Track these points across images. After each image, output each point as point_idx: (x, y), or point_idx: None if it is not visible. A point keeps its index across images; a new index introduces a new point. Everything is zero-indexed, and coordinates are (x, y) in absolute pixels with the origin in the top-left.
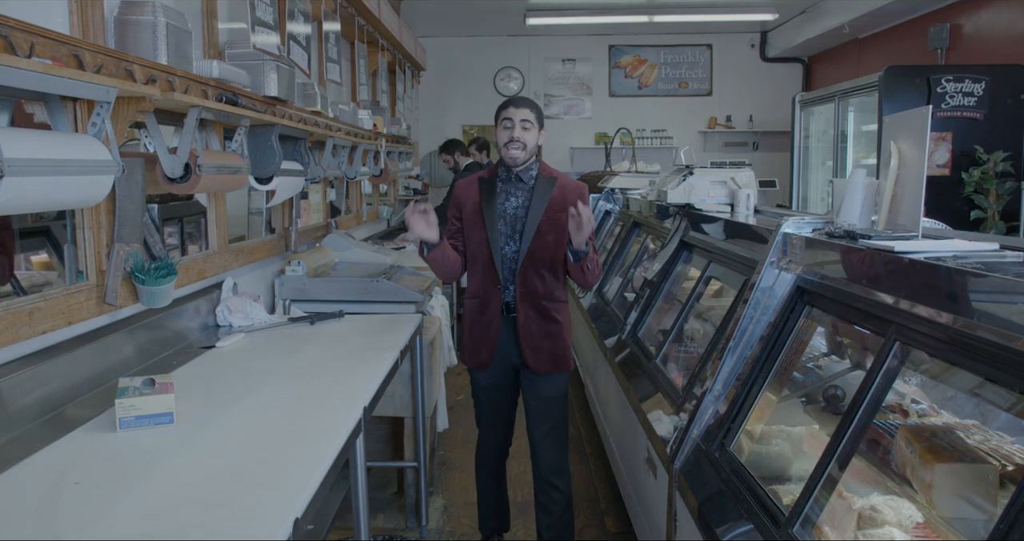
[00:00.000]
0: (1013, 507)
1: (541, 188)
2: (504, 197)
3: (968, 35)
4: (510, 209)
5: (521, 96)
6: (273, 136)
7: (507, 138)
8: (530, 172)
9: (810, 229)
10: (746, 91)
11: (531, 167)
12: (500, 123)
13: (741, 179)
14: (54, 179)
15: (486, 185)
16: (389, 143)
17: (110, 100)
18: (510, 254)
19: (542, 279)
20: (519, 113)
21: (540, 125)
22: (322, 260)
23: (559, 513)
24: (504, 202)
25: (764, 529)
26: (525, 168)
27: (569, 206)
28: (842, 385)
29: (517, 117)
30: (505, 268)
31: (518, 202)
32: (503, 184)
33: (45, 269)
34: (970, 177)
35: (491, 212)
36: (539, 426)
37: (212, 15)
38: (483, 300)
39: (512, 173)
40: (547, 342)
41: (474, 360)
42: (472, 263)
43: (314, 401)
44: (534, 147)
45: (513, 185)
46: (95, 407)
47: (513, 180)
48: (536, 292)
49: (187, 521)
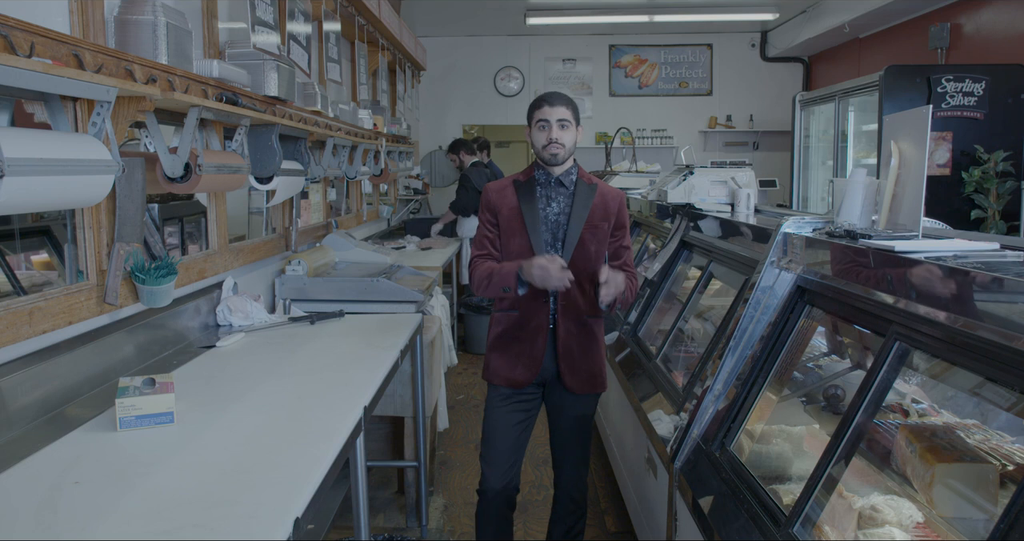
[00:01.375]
0: (1013, 507)
1: (582, 195)
2: (545, 202)
3: (968, 35)
4: (551, 215)
5: (555, 92)
6: (273, 136)
7: (545, 140)
8: (571, 176)
9: (810, 229)
10: (746, 91)
11: (571, 170)
12: (535, 124)
13: (741, 179)
14: (54, 179)
15: (524, 189)
16: (389, 143)
17: (110, 100)
18: None
19: (584, 292)
20: (555, 112)
21: (577, 122)
22: (322, 260)
23: (574, 522)
24: (545, 207)
25: (764, 528)
26: (566, 171)
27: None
28: (842, 385)
29: (553, 117)
30: None
31: (559, 208)
32: (543, 188)
33: (45, 269)
34: (970, 177)
35: (533, 217)
36: (567, 447)
37: (212, 15)
38: (525, 313)
39: (552, 177)
40: (586, 360)
41: (507, 377)
42: None
43: (314, 400)
44: (573, 146)
45: (553, 190)
46: (95, 407)
47: (553, 184)
48: (578, 306)
49: (187, 520)
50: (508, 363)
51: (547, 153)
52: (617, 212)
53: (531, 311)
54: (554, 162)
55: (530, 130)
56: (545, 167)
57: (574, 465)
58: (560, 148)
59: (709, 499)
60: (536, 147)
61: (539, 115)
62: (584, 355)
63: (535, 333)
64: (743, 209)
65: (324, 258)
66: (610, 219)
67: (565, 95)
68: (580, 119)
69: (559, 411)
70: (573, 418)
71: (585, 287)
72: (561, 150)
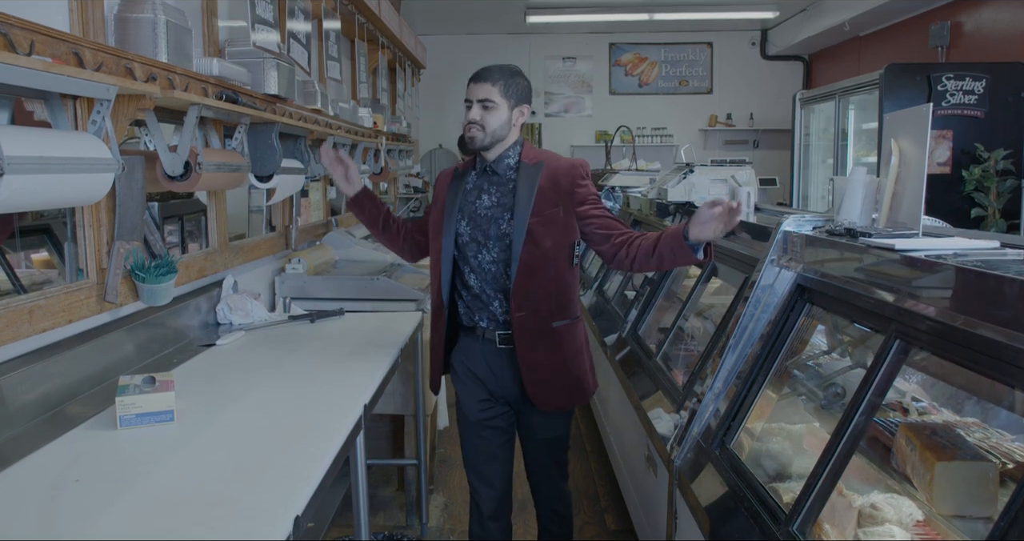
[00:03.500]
0: (1013, 505)
1: (525, 180)
2: (476, 194)
3: (969, 33)
4: (480, 209)
5: (489, 66)
6: (273, 134)
7: (466, 120)
8: (506, 160)
9: (810, 227)
10: (746, 89)
11: (508, 153)
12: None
13: (741, 177)
14: (54, 177)
15: (457, 179)
16: (389, 141)
17: (110, 98)
18: (487, 265)
19: (546, 295)
20: (477, 90)
21: (515, 99)
22: (322, 258)
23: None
24: (474, 199)
25: (764, 527)
26: (499, 157)
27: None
28: (842, 383)
29: (475, 95)
30: (485, 282)
31: (492, 200)
32: (479, 178)
33: (45, 267)
34: (970, 175)
35: (450, 214)
36: (542, 466)
37: (212, 13)
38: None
39: (485, 164)
40: (561, 374)
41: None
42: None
43: (314, 399)
44: (503, 128)
45: (486, 179)
46: (95, 405)
47: (487, 173)
48: (541, 314)
49: (187, 519)
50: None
51: (467, 136)
52: (571, 189)
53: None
54: (471, 146)
55: None
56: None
57: (552, 482)
58: (478, 131)
59: (709, 497)
60: None
61: (467, 92)
62: (560, 371)
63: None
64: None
65: (324, 256)
66: (564, 201)
67: (500, 67)
68: (525, 95)
69: (531, 431)
70: (546, 440)
71: (550, 288)
72: (479, 133)
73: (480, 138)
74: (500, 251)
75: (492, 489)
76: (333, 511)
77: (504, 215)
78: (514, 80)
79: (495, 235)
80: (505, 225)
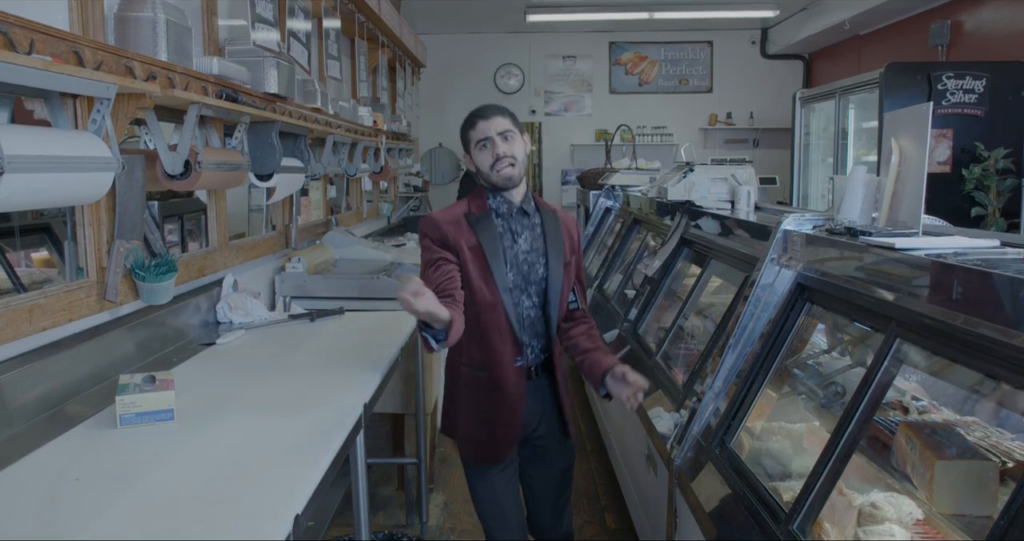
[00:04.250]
0: (1013, 504)
1: (550, 225)
2: (510, 238)
3: (969, 32)
4: (520, 254)
5: (486, 105)
6: (273, 133)
7: (492, 158)
8: (531, 203)
9: (811, 226)
10: (747, 88)
11: (528, 197)
12: (475, 147)
13: (741, 176)
14: (54, 176)
15: (481, 223)
16: (389, 140)
17: (110, 97)
18: (526, 311)
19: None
20: (493, 125)
21: (520, 131)
22: (322, 257)
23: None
24: (512, 244)
25: (764, 526)
26: (525, 197)
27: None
28: (842, 382)
29: (493, 130)
30: (524, 330)
31: (528, 244)
32: (502, 221)
33: (45, 266)
34: (971, 174)
35: (497, 260)
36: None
37: (212, 12)
38: (496, 376)
39: (514, 206)
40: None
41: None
42: (479, 323)
43: (314, 398)
44: (525, 161)
45: (516, 221)
46: (96, 404)
47: (516, 215)
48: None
49: (187, 518)
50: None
51: (499, 176)
52: (578, 240)
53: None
54: (510, 184)
55: (469, 157)
56: (500, 193)
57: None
58: (513, 164)
59: (709, 496)
60: (483, 172)
61: (476, 134)
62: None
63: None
64: (743, 206)
65: (324, 255)
66: (575, 248)
67: (498, 105)
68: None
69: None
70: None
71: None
72: (515, 167)
73: (517, 174)
74: (538, 296)
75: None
76: (333, 510)
77: (540, 259)
78: (514, 115)
79: (535, 280)
80: (540, 269)
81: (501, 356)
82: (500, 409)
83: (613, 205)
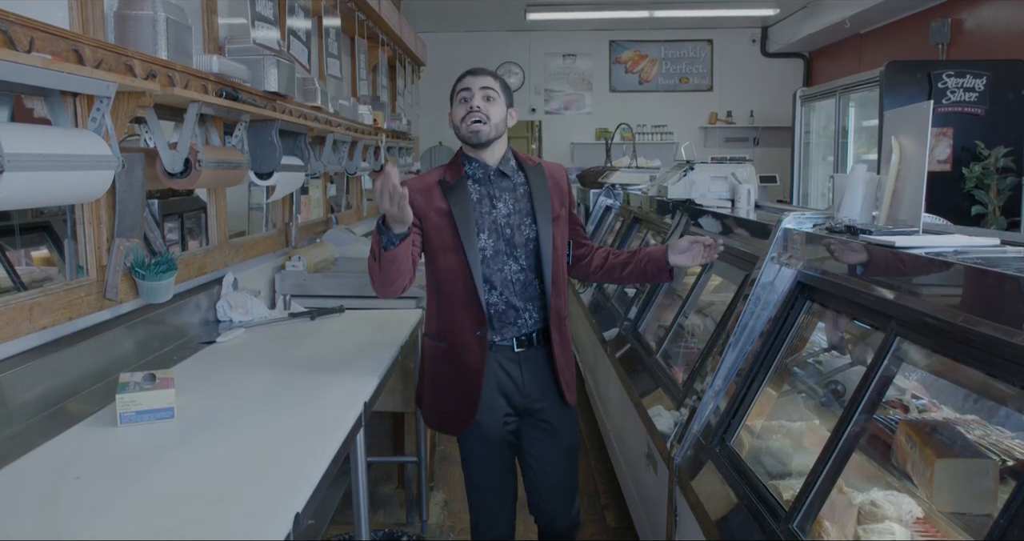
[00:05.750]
0: (1013, 502)
1: (536, 183)
2: (488, 203)
3: (969, 30)
4: (500, 217)
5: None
6: (273, 131)
7: (464, 110)
8: (510, 162)
9: (811, 224)
10: (747, 86)
11: (508, 157)
12: (456, 97)
13: (742, 174)
14: (54, 174)
15: (454, 191)
16: (389, 138)
17: (110, 95)
18: (513, 275)
19: (559, 293)
20: (478, 81)
21: (508, 100)
22: (322, 255)
23: None
24: (489, 209)
25: (764, 524)
26: (503, 159)
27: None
28: (842, 380)
29: (476, 85)
30: (513, 294)
31: (509, 207)
32: (480, 186)
33: (45, 264)
34: (971, 173)
35: (468, 226)
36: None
37: (212, 10)
38: (454, 347)
39: (490, 169)
40: (571, 368)
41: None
42: (440, 293)
43: (314, 396)
44: (501, 125)
45: (494, 185)
46: (96, 402)
47: (493, 179)
48: (559, 311)
49: (187, 516)
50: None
51: (467, 129)
52: (567, 189)
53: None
54: (475, 141)
55: (451, 110)
56: (476, 156)
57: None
58: (483, 121)
59: (709, 495)
60: (456, 126)
61: (459, 86)
62: (569, 362)
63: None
64: (743, 205)
65: (324, 254)
66: (565, 201)
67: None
68: (512, 99)
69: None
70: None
71: (560, 287)
72: (484, 125)
73: (485, 131)
74: (527, 258)
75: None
76: (333, 509)
77: (525, 220)
78: (505, 82)
79: (520, 243)
80: (528, 230)
81: (462, 326)
82: (459, 379)
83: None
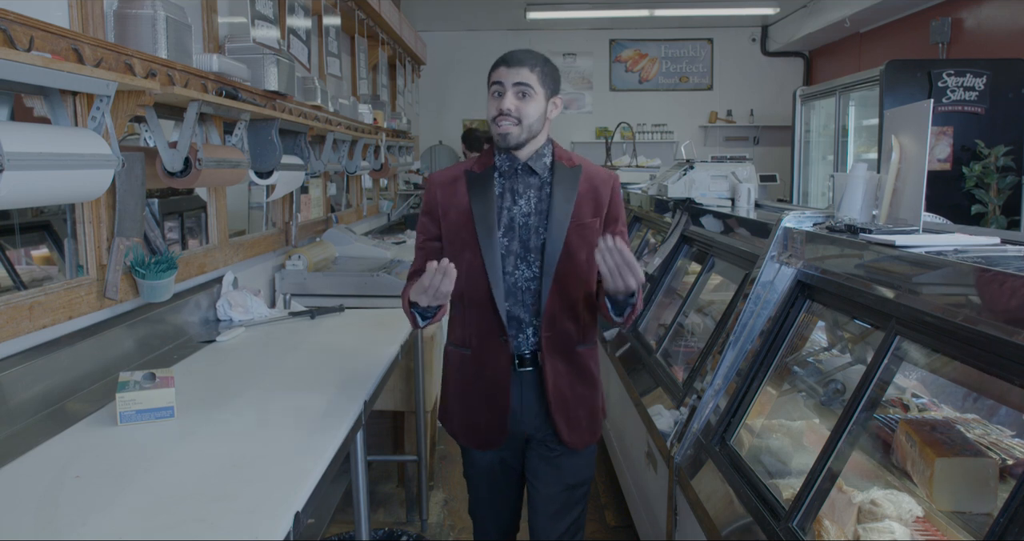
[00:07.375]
0: (1013, 501)
1: (564, 182)
2: (510, 198)
3: (969, 29)
4: (519, 217)
5: (522, 50)
6: (273, 130)
7: (495, 111)
8: (544, 159)
9: (811, 223)
10: (747, 85)
11: (543, 151)
12: (489, 89)
13: (742, 173)
14: (54, 173)
15: (478, 182)
16: (389, 137)
17: (110, 94)
18: (523, 282)
19: (574, 316)
20: (512, 74)
21: (551, 89)
22: (322, 254)
23: None
24: (510, 206)
25: (764, 523)
26: (536, 154)
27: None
28: (842, 379)
29: (509, 80)
30: (518, 304)
31: (530, 206)
32: (504, 180)
33: (45, 264)
34: (971, 172)
35: (487, 223)
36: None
37: (212, 9)
38: (479, 353)
39: (517, 162)
40: (584, 407)
41: (475, 438)
42: (462, 296)
43: (314, 395)
44: (539, 122)
45: (519, 180)
46: (96, 401)
47: (520, 173)
48: (569, 336)
49: (188, 515)
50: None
51: (496, 131)
52: (610, 201)
53: (486, 349)
54: (504, 144)
55: None
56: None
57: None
58: (512, 125)
59: (709, 494)
60: (489, 121)
61: (492, 78)
62: (583, 401)
63: (496, 378)
64: (743, 204)
65: (324, 253)
66: (602, 212)
67: (533, 51)
68: (559, 88)
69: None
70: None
71: (577, 309)
72: (513, 128)
73: (515, 134)
74: (533, 266)
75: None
76: (333, 507)
77: (544, 223)
78: (549, 67)
79: (535, 247)
80: (543, 233)
81: (484, 331)
82: (486, 388)
83: None
